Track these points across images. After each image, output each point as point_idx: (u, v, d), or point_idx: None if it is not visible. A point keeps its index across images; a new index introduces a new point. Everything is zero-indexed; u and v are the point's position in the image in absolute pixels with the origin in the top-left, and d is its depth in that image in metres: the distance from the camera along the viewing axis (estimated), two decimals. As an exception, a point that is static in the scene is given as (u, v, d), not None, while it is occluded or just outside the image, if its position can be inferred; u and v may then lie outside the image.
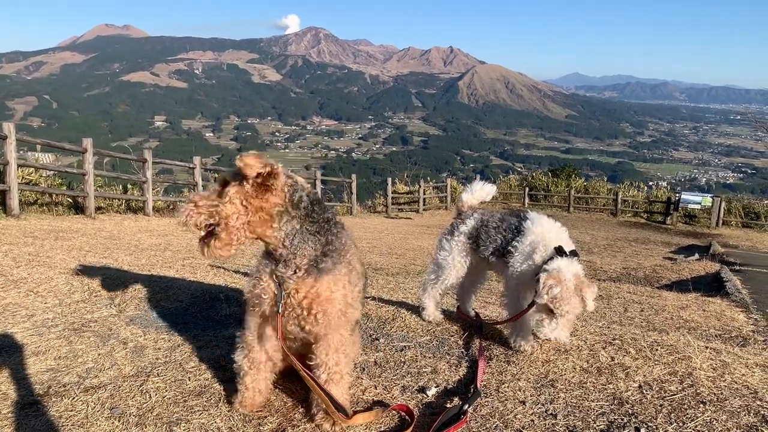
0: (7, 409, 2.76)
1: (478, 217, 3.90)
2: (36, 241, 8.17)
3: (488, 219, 3.82)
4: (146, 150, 15.97)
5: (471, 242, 3.87)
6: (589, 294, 3.22)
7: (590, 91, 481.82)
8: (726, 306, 6.41)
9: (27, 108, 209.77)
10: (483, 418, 2.75)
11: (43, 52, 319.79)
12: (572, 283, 3.20)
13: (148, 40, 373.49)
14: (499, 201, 31.87)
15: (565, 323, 3.33)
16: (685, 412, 2.79)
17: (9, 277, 5.13)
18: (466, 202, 4.07)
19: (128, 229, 11.66)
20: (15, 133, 11.18)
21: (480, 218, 3.88)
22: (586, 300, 3.21)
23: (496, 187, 4.23)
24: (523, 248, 3.51)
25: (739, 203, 28.90)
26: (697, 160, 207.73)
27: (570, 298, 3.19)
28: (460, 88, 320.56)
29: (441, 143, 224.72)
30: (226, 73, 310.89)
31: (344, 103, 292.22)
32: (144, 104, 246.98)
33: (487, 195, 4.08)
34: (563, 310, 3.21)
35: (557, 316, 3.27)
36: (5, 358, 3.37)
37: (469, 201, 4.07)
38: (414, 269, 9.87)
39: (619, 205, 29.46)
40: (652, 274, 10.53)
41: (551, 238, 3.43)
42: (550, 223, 3.56)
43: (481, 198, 4.08)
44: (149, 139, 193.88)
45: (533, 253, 3.44)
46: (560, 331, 3.40)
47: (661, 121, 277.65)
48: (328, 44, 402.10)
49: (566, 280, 3.19)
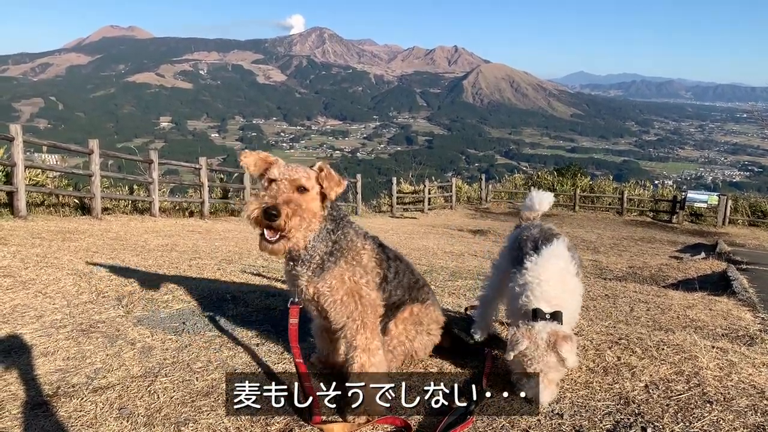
0: (17, 410, 2.78)
1: (517, 231, 3.78)
2: (43, 242, 8.21)
3: (523, 234, 3.63)
4: (152, 151, 16.02)
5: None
6: (566, 349, 2.82)
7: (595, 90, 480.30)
8: (733, 305, 6.39)
9: (33, 109, 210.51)
10: (489, 418, 2.75)
11: (49, 54, 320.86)
12: (544, 337, 2.85)
13: (153, 41, 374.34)
14: (505, 200, 31.83)
15: (545, 383, 2.87)
16: (691, 412, 2.79)
17: (18, 278, 5.17)
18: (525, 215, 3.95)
19: (135, 230, 11.70)
20: (22, 134, 11.23)
21: (519, 232, 3.72)
22: (563, 354, 2.81)
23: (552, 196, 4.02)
24: (517, 283, 3.28)
25: (745, 201, 28.74)
26: (703, 159, 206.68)
27: (542, 356, 2.84)
28: (464, 87, 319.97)
29: (446, 143, 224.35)
30: (231, 74, 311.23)
31: (349, 103, 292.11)
32: (149, 105, 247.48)
33: (547, 205, 3.91)
34: (536, 368, 2.85)
35: (532, 375, 2.88)
36: (15, 359, 3.39)
37: (527, 214, 3.94)
38: (419, 269, 9.85)
39: (625, 204, 29.36)
40: (658, 273, 10.50)
41: (541, 292, 3.10)
42: (556, 267, 3.22)
43: (541, 210, 3.90)
44: (155, 139, 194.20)
45: (521, 296, 3.17)
46: (541, 392, 2.90)
47: (667, 119, 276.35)
48: (332, 44, 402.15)
49: (536, 336, 2.87)
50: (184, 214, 16.85)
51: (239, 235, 12.26)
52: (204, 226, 14.21)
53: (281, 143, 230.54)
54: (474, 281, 7.59)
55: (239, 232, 13.17)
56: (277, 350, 3.68)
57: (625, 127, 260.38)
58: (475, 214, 28.43)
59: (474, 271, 10.02)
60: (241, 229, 14.38)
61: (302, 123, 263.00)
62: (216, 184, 19.06)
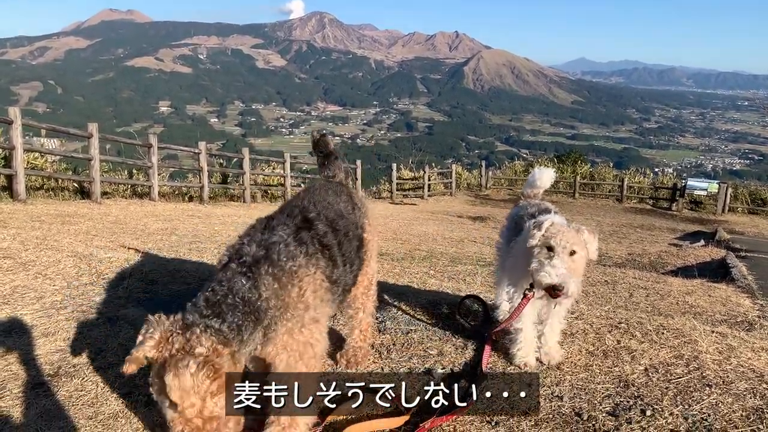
0: (18, 389, 2.79)
1: (516, 209, 3.74)
2: (43, 225, 8.20)
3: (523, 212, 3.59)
4: (151, 135, 15.95)
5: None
6: (587, 233, 2.84)
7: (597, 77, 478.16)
8: (732, 291, 6.41)
9: (32, 93, 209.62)
10: (489, 400, 2.76)
11: (47, 37, 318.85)
12: (562, 221, 2.93)
13: (152, 25, 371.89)
14: (505, 187, 31.80)
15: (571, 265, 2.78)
16: (690, 395, 2.80)
17: (17, 260, 5.17)
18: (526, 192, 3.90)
19: (134, 214, 11.69)
20: (21, 117, 11.18)
21: (518, 210, 3.69)
22: (584, 235, 2.83)
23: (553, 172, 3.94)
24: (516, 244, 3.31)
25: (745, 189, 28.71)
26: (703, 147, 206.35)
27: (564, 231, 2.82)
28: (465, 73, 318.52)
29: (446, 129, 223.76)
30: (231, 59, 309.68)
31: (349, 89, 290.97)
32: (148, 89, 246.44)
33: (549, 181, 3.85)
34: (561, 241, 2.78)
35: (557, 254, 2.78)
36: (15, 339, 3.40)
37: (528, 191, 3.88)
38: (419, 254, 9.88)
39: (625, 191, 29.32)
40: (658, 260, 10.53)
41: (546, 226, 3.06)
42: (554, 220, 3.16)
43: (543, 186, 3.84)
44: (154, 124, 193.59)
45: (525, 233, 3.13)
46: (567, 281, 2.80)
47: (668, 107, 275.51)
48: (332, 29, 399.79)
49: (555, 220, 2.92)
50: (184, 199, 16.83)
51: (239, 220, 12.26)
52: (203, 211, 14.19)
53: (280, 128, 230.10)
54: (474, 267, 7.61)
55: (239, 217, 13.17)
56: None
57: (626, 114, 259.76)
58: (475, 200, 28.42)
59: (474, 257, 10.04)
60: (240, 213, 14.39)
61: (302, 108, 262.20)
62: (215, 169, 19.02)
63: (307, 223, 2.44)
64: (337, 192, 2.86)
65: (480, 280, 6.38)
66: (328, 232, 2.49)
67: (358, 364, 3.16)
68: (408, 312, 4.08)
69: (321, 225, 2.47)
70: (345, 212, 2.70)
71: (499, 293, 4.00)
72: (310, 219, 2.46)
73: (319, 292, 2.32)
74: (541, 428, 2.49)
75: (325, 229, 2.48)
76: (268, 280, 2.16)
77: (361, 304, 3.19)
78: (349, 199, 2.90)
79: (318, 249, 2.38)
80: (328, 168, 3.18)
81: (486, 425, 2.51)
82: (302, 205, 2.55)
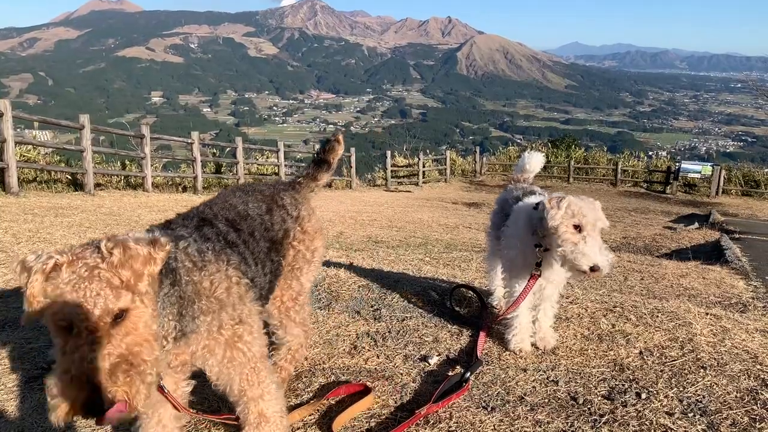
0: (13, 383, 2.78)
1: (504, 193, 3.74)
2: (36, 218, 8.16)
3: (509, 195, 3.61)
4: (144, 126, 15.85)
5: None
6: (599, 203, 2.88)
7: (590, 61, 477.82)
8: (726, 273, 6.43)
9: (22, 85, 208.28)
10: (485, 385, 2.77)
11: (36, 28, 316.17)
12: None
13: (142, 15, 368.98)
14: (499, 173, 31.80)
15: (593, 234, 2.74)
16: (685, 377, 2.81)
17: (10, 253, 5.14)
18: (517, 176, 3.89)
19: (128, 205, 11.65)
20: (11, 110, 11.09)
21: (506, 194, 3.70)
22: (596, 204, 2.84)
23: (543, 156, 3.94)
24: (512, 219, 3.31)
25: (739, 172, 28.80)
26: (697, 129, 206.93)
27: (590, 207, 2.79)
28: (458, 59, 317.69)
29: (440, 115, 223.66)
30: (223, 47, 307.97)
31: (342, 76, 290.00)
32: (140, 80, 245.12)
33: (538, 165, 3.85)
34: (591, 219, 2.74)
35: (588, 234, 2.73)
36: (9, 334, 3.38)
37: (518, 176, 3.88)
38: (414, 242, 9.88)
39: (619, 175, 29.39)
40: (652, 243, 10.56)
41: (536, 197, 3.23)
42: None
43: (533, 170, 3.85)
44: (146, 115, 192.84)
45: (523, 212, 3.17)
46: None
47: (661, 90, 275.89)
48: (324, 16, 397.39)
49: (543, 200, 2.93)
50: (178, 190, 16.76)
51: (233, 210, 12.21)
52: (197, 201, 14.08)
53: (274, 117, 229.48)
54: (468, 253, 7.61)
55: (233, 207, 13.11)
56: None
57: (620, 98, 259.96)
58: (469, 187, 28.43)
59: (468, 243, 10.05)
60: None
61: (295, 96, 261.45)
62: (209, 159, 18.94)
63: (205, 222, 2.25)
64: (249, 194, 2.61)
65: (475, 266, 6.39)
66: (230, 230, 2.29)
67: (283, 381, 2.82)
68: (403, 299, 4.08)
69: (221, 224, 2.28)
70: (253, 214, 2.46)
71: (491, 279, 4.01)
72: (207, 218, 2.27)
73: (234, 288, 2.10)
74: (537, 412, 2.49)
75: (227, 228, 2.28)
76: (183, 266, 1.95)
77: (295, 314, 2.78)
78: (271, 203, 2.63)
79: (225, 245, 2.18)
80: (308, 168, 3.02)
81: (482, 410, 2.51)
82: (198, 209, 2.38)
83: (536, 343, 3.21)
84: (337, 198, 19.27)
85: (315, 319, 3.64)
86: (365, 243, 9.44)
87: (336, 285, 4.33)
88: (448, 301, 3.99)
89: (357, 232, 10.87)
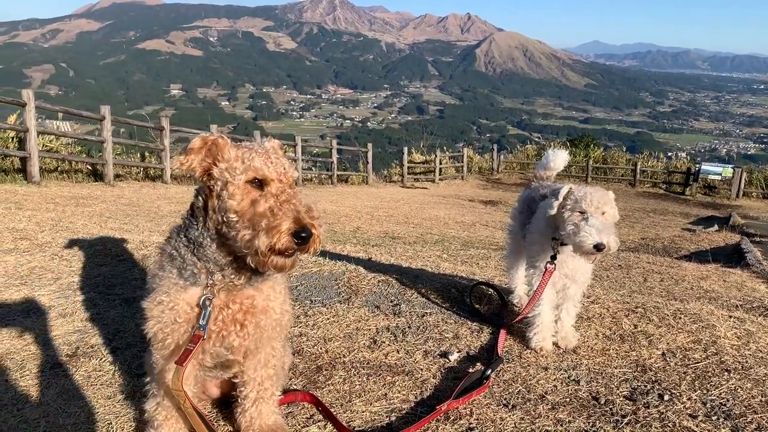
0: (37, 369, 2.81)
1: (527, 192, 3.73)
2: (57, 207, 8.26)
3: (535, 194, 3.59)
4: (163, 118, 15.99)
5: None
6: (611, 192, 2.94)
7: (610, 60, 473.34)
8: (747, 277, 6.35)
9: (44, 76, 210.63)
10: (506, 383, 2.76)
11: (59, 20, 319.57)
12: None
13: (162, 8, 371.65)
14: (516, 171, 31.65)
15: (606, 222, 2.81)
16: (709, 380, 2.78)
17: (34, 241, 5.20)
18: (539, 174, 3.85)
19: (147, 197, 11.74)
20: (34, 100, 11.22)
21: (530, 192, 3.69)
22: (611, 195, 2.91)
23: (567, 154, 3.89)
24: (538, 216, 3.31)
25: (760, 174, 28.36)
26: (718, 131, 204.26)
27: (592, 191, 2.89)
28: (477, 56, 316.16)
29: (457, 112, 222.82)
30: (242, 41, 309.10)
31: (359, 72, 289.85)
32: (160, 72, 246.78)
33: (562, 163, 3.81)
34: (593, 202, 2.83)
35: (590, 215, 2.80)
36: (33, 320, 3.43)
37: (541, 173, 3.84)
38: (431, 238, 9.87)
39: (638, 175, 29.12)
40: (671, 244, 10.45)
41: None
42: None
43: (557, 168, 3.81)
44: (165, 107, 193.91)
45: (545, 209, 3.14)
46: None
47: (682, 90, 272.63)
48: (343, 11, 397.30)
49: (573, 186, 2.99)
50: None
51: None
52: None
53: (291, 111, 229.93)
54: (486, 251, 7.59)
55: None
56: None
57: (640, 98, 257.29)
58: (486, 184, 28.32)
59: (486, 240, 10.02)
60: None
61: (312, 91, 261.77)
62: (227, 152, 19.01)
63: None
64: None
65: (493, 264, 6.36)
66: None
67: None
68: (423, 295, 4.08)
69: None
70: None
71: (512, 277, 3.99)
72: None
73: None
74: (558, 412, 2.48)
75: None
76: None
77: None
78: None
79: None
80: None
81: (503, 408, 2.51)
82: None
83: (557, 342, 3.19)
84: (353, 193, 19.30)
85: (335, 312, 3.65)
86: (382, 239, 9.44)
87: (356, 279, 4.33)
88: (468, 297, 3.98)
89: (373, 228, 10.88)
